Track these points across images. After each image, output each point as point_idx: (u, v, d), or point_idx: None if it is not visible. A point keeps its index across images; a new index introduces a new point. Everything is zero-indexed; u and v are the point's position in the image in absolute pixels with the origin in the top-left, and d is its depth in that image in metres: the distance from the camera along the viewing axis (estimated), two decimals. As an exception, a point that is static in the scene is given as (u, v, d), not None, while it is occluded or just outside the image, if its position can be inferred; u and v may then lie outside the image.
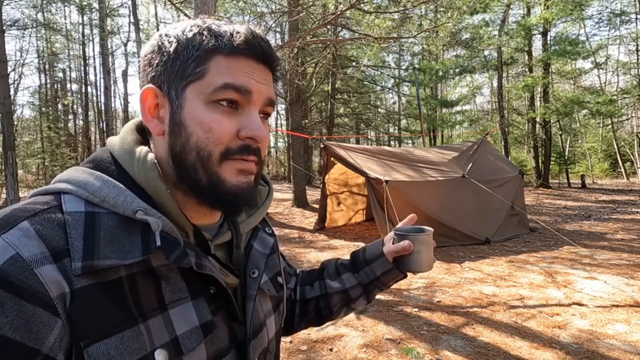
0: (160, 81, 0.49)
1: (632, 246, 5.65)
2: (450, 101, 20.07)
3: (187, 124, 0.48)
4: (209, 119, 0.47)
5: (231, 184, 0.49)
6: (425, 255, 0.75)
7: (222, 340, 0.51)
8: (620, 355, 2.64)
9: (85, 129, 21.79)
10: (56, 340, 0.37)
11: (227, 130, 0.48)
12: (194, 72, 0.47)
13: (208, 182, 0.48)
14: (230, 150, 0.48)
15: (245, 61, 0.49)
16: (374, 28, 6.53)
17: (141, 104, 0.51)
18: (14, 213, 0.41)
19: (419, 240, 0.75)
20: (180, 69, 0.48)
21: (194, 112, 0.48)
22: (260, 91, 0.50)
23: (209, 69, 0.47)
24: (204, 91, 0.47)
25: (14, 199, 8.64)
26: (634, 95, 15.35)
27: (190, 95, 0.48)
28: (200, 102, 0.47)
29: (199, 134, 0.47)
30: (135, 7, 15.34)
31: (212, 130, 0.47)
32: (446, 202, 6.01)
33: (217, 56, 0.48)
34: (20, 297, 0.36)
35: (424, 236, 0.75)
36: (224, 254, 0.57)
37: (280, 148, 30.38)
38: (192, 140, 0.47)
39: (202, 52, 0.48)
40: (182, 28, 0.50)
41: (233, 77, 0.48)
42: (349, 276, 0.81)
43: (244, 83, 0.48)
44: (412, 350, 2.78)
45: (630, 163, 22.16)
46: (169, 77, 0.49)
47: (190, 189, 0.49)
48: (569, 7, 13.13)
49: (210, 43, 0.48)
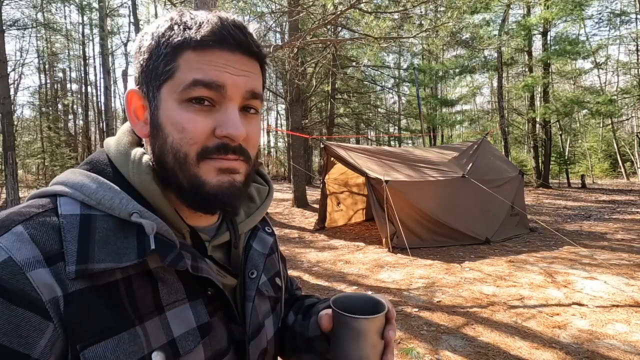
0: (140, 82, 0.48)
1: (632, 246, 5.64)
2: (450, 101, 20.09)
3: (163, 126, 0.47)
4: (182, 118, 0.45)
5: (211, 184, 0.47)
6: (351, 348, 0.52)
7: (220, 342, 0.50)
8: (620, 355, 2.64)
9: (85, 129, 21.79)
10: (47, 344, 0.37)
11: (201, 130, 0.45)
12: (165, 70, 0.46)
13: (189, 184, 0.47)
14: (207, 150, 0.46)
15: (216, 53, 0.45)
16: (374, 28, 6.53)
17: (126, 106, 0.50)
18: (9, 217, 0.41)
19: (345, 324, 0.53)
20: (154, 68, 0.47)
21: (168, 112, 0.46)
22: (236, 84, 0.46)
23: (179, 66, 0.45)
24: (175, 90, 0.45)
25: (14, 199, 8.64)
26: (633, 95, 15.35)
27: (165, 95, 0.46)
28: (174, 101, 0.46)
29: (174, 135, 0.46)
30: (135, 7, 15.33)
31: (185, 130, 0.45)
32: (446, 202, 6.01)
33: (186, 51, 0.45)
34: (10, 301, 0.36)
35: (352, 320, 0.52)
36: (222, 255, 0.57)
37: (280, 148, 30.39)
38: (169, 142, 0.46)
39: (171, 48, 0.45)
40: (157, 23, 0.48)
41: (202, 72, 0.45)
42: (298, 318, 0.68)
43: (214, 78, 0.45)
44: (412, 350, 2.77)
45: (630, 163, 22.14)
46: (146, 78, 0.48)
47: (174, 191, 0.48)
48: (569, 7, 13.13)
49: (177, 38, 0.45)
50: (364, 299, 0.60)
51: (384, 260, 5.38)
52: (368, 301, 0.59)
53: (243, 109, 0.49)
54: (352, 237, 7.14)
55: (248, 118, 0.50)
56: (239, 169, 0.49)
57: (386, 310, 0.55)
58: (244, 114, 0.49)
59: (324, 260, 5.58)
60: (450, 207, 6.02)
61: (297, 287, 0.82)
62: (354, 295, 0.60)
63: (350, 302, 0.58)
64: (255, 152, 0.52)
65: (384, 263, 5.22)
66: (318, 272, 4.95)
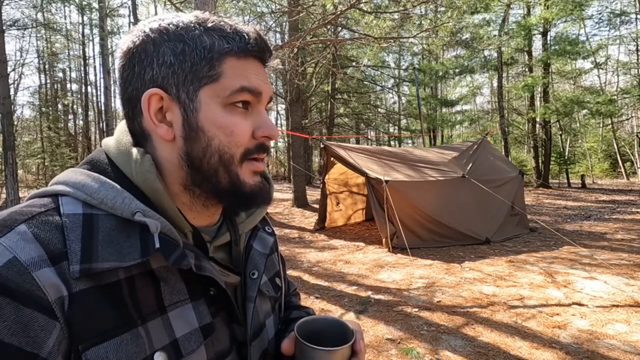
0: (166, 83, 0.47)
1: (632, 246, 5.64)
2: (450, 101, 20.08)
3: (206, 128, 0.48)
4: (229, 122, 0.48)
5: (250, 184, 0.51)
6: None
7: (223, 342, 0.50)
8: (620, 355, 2.64)
9: (85, 129, 21.78)
10: (55, 344, 0.37)
11: (246, 132, 0.49)
12: (208, 74, 0.47)
13: (229, 184, 0.50)
14: (249, 151, 0.50)
15: (254, 63, 0.50)
16: (374, 28, 6.53)
17: (145, 109, 0.47)
18: (11, 216, 0.40)
19: (305, 353, 0.51)
20: (192, 71, 0.47)
21: (212, 115, 0.48)
22: (267, 91, 0.51)
23: (223, 72, 0.47)
24: (220, 94, 0.47)
25: (14, 199, 8.64)
26: (634, 95, 15.33)
27: (205, 99, 0.47)
28: (217, 105, 0.48)
29: (221, 137, 0.48)
30: (135, 7, 15.32)
31: (234, 133, 0.48)
32: (446, 202, 6.01)
33: (230, 58, 0.48)
34: (17, 301, 0.35)
35: (311, 350, 0.50)
36: (223, 255, 0.57)
37: (280, 148, 30.37)
38: (214, 144, 0.48)
39: (216, 53, 0.47)
40: (182, 26, 0.48)
41: (247, 79, 0.48)
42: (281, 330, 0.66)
43: (257, 85, 0.49)
44: (412, 350, 2.77)
45: (630, 163, 22.13)
46: (178, 79, 0.47)
47: (208, 191, 0.50)
48: (569, 7, 13.13)
49: (223, 44, 0.48)
50: (332, 325, 0.56)
51: (384, 260, 5.38)
52: (337, 327, 0.55)
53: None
54: (352, 237, 7.14)
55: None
56: (263, 170, 0.54)
57: (352, 341, 0.52)
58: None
59: (323, 260, 5.58)
60: (450, 207, 6.02)
61: (295, 292, 0.81)
62: (322, 320, 0.57)
63: (317, 327, 0.55)
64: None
65: (384, 263, 5.22)
66: (318, 272, 4.95)
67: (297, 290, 0.83)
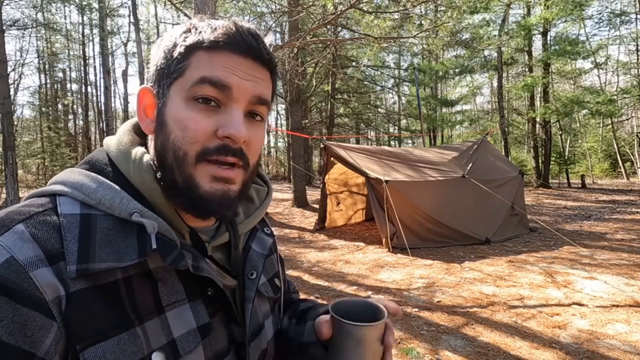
0: (153, 80, 0.50)
1: (632, 246, 5.64)
2: (450, 101, 20.07)
3: (167, 123, 0.47)
4: (185, 116, 0.46)
5: (204, 189, 0.46)
6: (353, 356, 0.51)
7: (220, 342, 0.50)
8: (620, 355, 2.63)
9: (85, 129, 21.78)
10: (52, 343, 0.37)
11: (203, 129, 0.45)
12: (177, 68, 0.47)
13: (183, 184, 0.46)
14: (207, 150, 0.46)
15: (228, 56, 0.46)
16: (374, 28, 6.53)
17: (137, 103, 0.51)
18: (8, 216, 0.41)
19: (346, 332, 0.52)
20: (167, 67, 0.48)
21: (173, 110, 0.47)
22: (243, 88, 0.47)
23: (189, 64, 0.46)
24: (183, 87, 0.46)
25: (14, 199, 8.64)
26: (633, 95, 15.33)
27: (173, 93, 0.47)
28: (180, 99, 0.46)
29: (176, 132, 0.46)
30: (135, 7, 15.32)
31: (188, 128, 0.45)
32: (446, 202, 6.01)
33: (198, 51, 0.46)
34: (15, 300, 0.35)
35: (354, 328, 0.51)
36: (222, 256, 0.57)
37: (280, 148, 30.38)
38: (171, 139, 0.46)
39: (185, 47, 0.47)
40: (178, 28, 0.50)
41: (211, 70, 0.45)
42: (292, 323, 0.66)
43: (221, 77, 0.45)
44: (412, 350, 2.77)
45: (630, 163, 22.13)
46: (159, 76, 0.49)
47: (168, 189, 0.48)
48: (569, 7, 13.13)
49: (193, 38, 0.47)
50: (362, 305, 0.58)
51: (384, 260, 5.38)
52: (367, 307, 0.58)
53: (249, 114, 0.49)
54: (352, 237, 7.13)
55: (253, 124, 0.50)
56: (234, 179, 0.48)
57: (386, 317, 0.54)
58: (249, 120, 0.49)
59: (323, 260, 5.58)
60: (450, 207, 6.02)
61: (295, 290, 0.81)
62: (352, 301, 0.59)
63: (349, 308, 0.56)
64: (256, 160, 0.52)
65: (384, 263, 5.22)
66: (318, 272, 4.95)
67: (297, 289, 0.83)
